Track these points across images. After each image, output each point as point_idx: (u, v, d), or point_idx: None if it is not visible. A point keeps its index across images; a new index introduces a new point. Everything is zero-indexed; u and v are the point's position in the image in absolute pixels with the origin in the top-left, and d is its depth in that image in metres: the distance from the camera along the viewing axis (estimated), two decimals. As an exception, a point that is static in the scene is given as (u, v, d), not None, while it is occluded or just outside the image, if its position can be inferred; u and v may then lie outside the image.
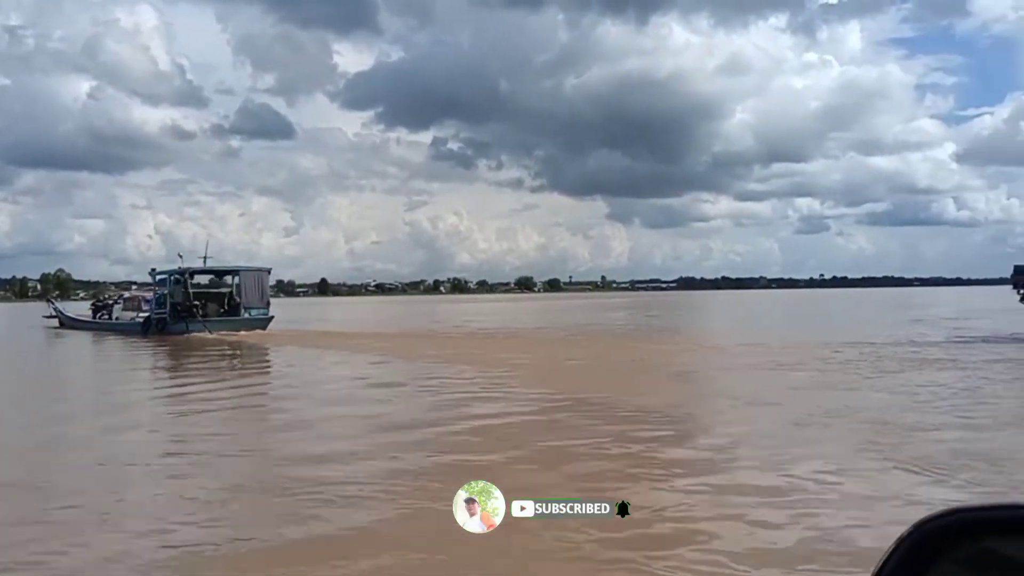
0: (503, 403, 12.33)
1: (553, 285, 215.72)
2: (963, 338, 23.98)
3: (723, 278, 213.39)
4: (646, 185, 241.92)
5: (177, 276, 34.06)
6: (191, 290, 33.66)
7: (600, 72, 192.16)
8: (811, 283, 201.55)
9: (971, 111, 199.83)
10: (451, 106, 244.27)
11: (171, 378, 19.16)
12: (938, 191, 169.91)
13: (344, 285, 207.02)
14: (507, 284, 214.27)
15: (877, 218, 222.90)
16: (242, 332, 32.59)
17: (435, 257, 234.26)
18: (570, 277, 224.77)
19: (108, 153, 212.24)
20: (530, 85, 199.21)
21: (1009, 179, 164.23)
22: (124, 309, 39.71)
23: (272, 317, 34.25)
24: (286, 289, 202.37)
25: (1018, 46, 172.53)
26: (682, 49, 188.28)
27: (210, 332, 32.23)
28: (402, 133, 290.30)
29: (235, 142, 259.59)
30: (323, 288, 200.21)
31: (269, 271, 36.39)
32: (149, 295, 37.85)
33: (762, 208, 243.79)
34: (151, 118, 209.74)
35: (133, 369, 22.03)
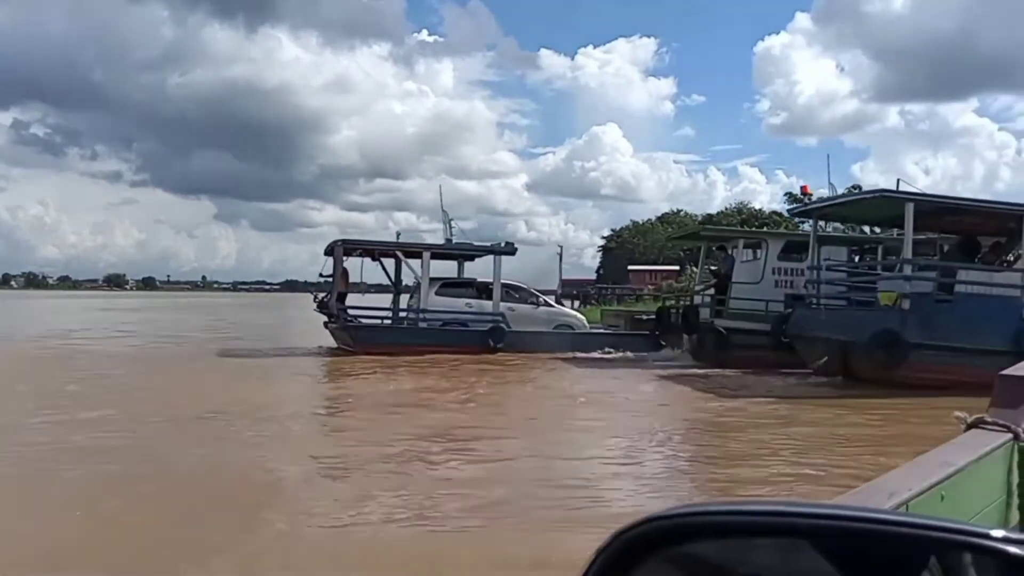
0: None
1: (148, 283, 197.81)
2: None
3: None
4: (255, 189, 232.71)
5: None
6: None
7: (206, 74, 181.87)
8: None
9: (539, 149, 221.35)
10: (36, 88, 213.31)
11: None
12: (513, 214, 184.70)
13: None
14: (96, 281, 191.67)
15: (465, 235, 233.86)
16: None
17: (12, 249, 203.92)
18: (168, 276, 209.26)
19: None
20: (129, 77, 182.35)
21: (567, 208, 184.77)
22: None
23: None
24: None
25: (573, 100, 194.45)
26: (291, 63, 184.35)
27: None
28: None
29: None
30: None
31: None
32: None
33: (366, 219, 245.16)
34: None
35: None
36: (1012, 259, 15.99)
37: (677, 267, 65.26)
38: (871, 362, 14.36)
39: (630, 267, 72.16)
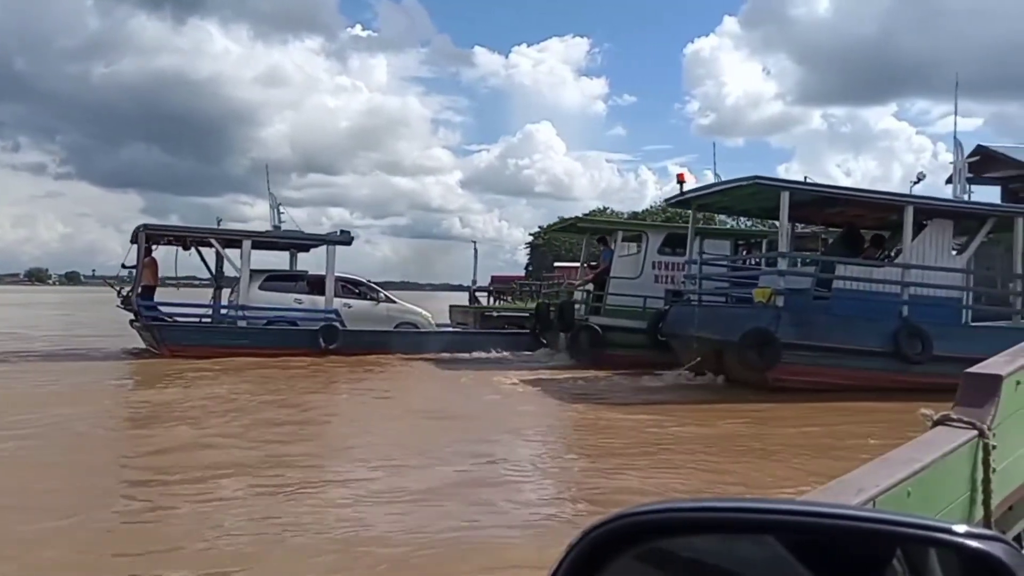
0: None
1: (72, 278, 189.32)
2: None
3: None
4: (185, 183, 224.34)
5: None
6: None
7: (133, 64, 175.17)
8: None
9: (474, 147, 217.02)
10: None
11: None
12: (448, 211, 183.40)
13: None
14: (17, 275, 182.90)
15: (399, 230, 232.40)
16: None
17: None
18: (94, 271, 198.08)
19: None
20: (52, 67, 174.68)
21: (500, 205, 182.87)
22: None
23: None
24: None
25: (507, 98, 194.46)
26: (221, 55, 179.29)
27: None
28: None
29: None
30: None
31: None
32: None
33: (299, 214, 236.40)
34: None
35: None
36: (893, 253, 14.86)
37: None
38: (743, 363, 13.05)
39: (556, 263, 71.55)
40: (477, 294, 31.95)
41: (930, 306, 13.44)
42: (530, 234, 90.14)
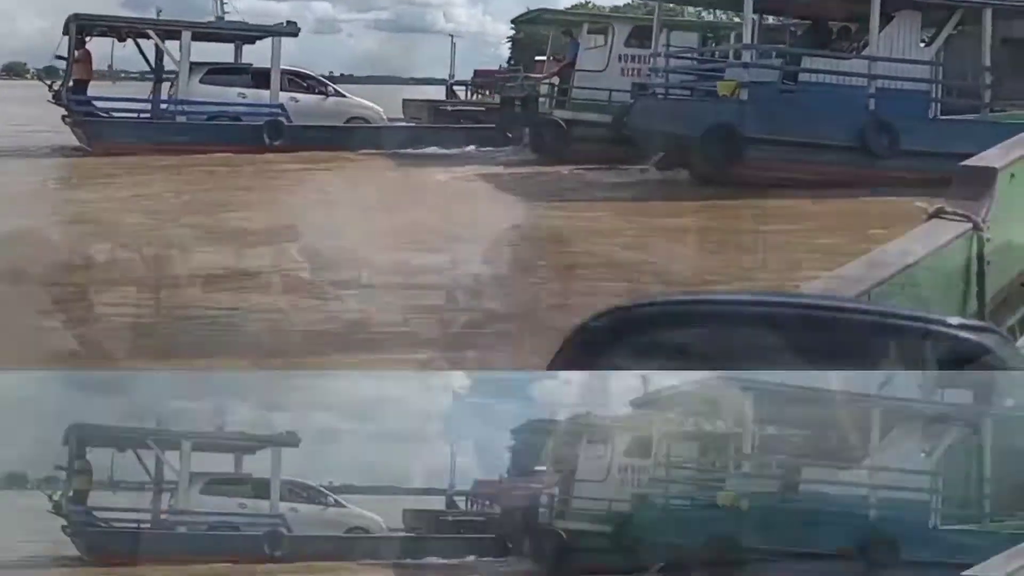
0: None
1: (50, 73, 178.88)
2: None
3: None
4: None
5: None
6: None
7: None
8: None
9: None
10: None
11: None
12: (430, 4, 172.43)
13: None
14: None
15: (382, 24, 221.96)
16: None
17: None
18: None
19: None
20: None
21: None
22: None
23: None
24: None
25: None
26: None
27: None
28: None
29: None
30: None
31: None
32: None
33: (281, 8, 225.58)
34: None
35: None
36: (861, 46, 14.39)
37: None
38: (706, 158, 12.87)
39: (537, 57, 68.89)
40: (455, 88, 30.69)
41: (897, 99, 13.20)
42: (511, 28, 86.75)
